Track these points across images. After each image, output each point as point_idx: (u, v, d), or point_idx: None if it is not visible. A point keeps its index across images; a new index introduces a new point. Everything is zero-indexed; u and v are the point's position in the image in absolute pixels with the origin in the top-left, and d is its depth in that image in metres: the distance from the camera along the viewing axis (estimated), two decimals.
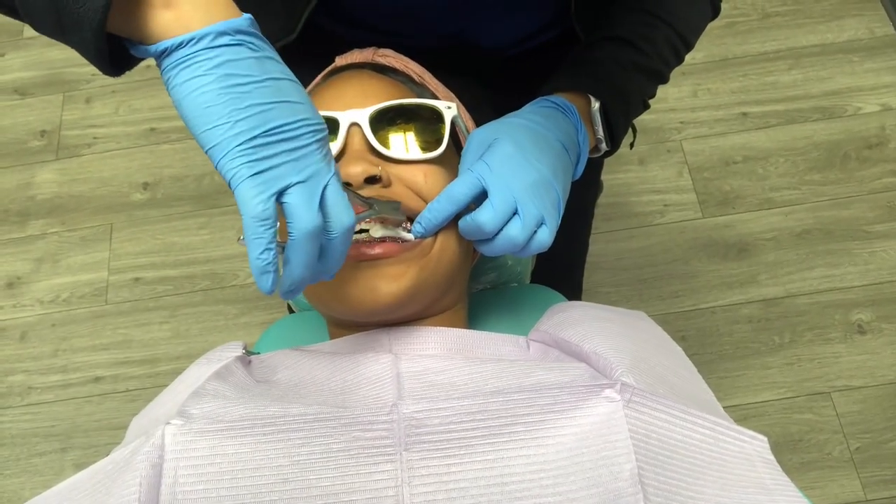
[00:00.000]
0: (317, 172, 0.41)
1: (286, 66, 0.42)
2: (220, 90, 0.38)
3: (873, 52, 1.59)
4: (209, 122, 0.38)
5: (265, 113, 0.39)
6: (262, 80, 0.39)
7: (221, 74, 0.38)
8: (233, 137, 0.38)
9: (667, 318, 1.37)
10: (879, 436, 1.26)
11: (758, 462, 0.45)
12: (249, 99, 0.39)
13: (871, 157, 1.49)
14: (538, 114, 0.58)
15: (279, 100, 0.40)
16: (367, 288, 0.51)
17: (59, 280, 1.50)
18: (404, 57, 0.64)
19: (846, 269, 1.39)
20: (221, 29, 0.39)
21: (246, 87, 0.39)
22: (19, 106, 1.69)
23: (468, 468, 0.42)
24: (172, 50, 0.39)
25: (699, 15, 0.67)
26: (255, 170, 0.39)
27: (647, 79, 0.65)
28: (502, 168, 0.52)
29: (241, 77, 0.39)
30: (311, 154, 0.41)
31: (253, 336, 1.42)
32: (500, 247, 0.53)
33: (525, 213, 0.51)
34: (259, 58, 0.40)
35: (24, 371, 1.42)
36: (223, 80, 0.38)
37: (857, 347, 1.33)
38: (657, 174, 1.51)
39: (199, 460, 0.41)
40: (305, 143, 0.41)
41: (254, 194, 0.39)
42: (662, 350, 0.54)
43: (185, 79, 0.39)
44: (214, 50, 0.39)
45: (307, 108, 0.41)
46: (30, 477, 1.34)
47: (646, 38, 0.63)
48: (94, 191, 1.59)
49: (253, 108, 0.39)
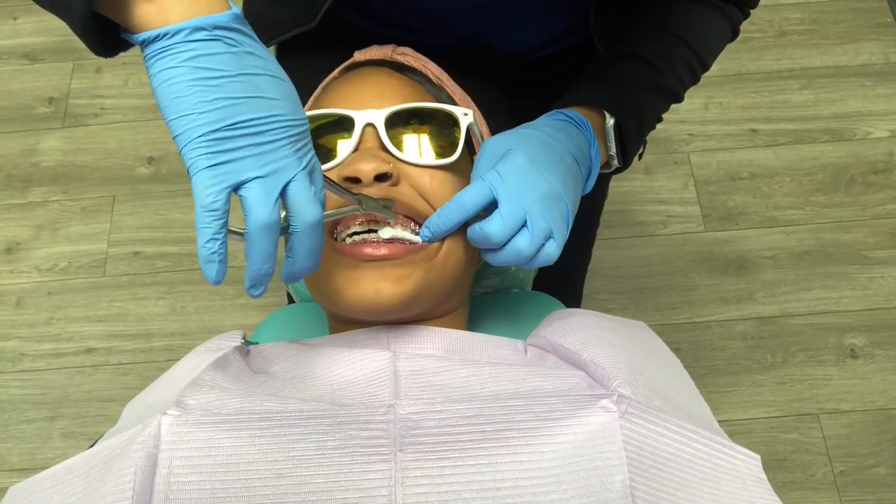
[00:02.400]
0: (281, 168, 0.42)
1: (272, 62, 0.43)
2: (190, 82, 0.40)
3: (887, 78, 1.59)
4: (176, 111, 0.40)
5: (232, 107, 0.40)
6: (235, 75, 0.40)
7: (192, 67, 0.40)
8: (196, 128, 0.40)
9: (662, 330, 1.37)
10: (864, 461, 1.26)
11: (750, 481, 0.45)
12: (217, 93, 0.40)
13: (877, 182, 1.49)
14: (552, 126, 0.57)
15: (251, 95, 0.41)
16: (372, 289, 0.51)
17: (59, 249, 1.50)
18: (423, 57, 0.64)
19: (843, 292, 1.40)
20: (197, 24, 0.40)
21: (215, 81, 0.40)
22: (28, 71, 1.68)
23: (461, 472, 0.42)
24: (150, 41, 0.40)
25: (719, 37, 0.67)
26: (212, 161, 0.40)
27: (662, 98, 0.65)
28: (513, 179, 0.52)
29: (211, 71, 0.40)
30: (277, 149, 0.41)
31: (249, 318, 1.42)
32: (507, 257, 0.52)
33: (534, 226, 0.51)
34: (236, 53, 0.41)
35: (17, 337, 1.42)
36: (193, 73, 0.40)
37: (849, 371, 1.33)
38: (663, 185, 1.51)
39: (194, 452, 0.41)
40: (273, 138, 0.41)
41: (207, 185, 0.40)
42: (661, 362, 0.54)
43: (159, 69, 0.40)
44: (189, 44, 0.40)
45: (282, 104, 0.42)
46: (17, 443, 1.34)
47: (664, 57, 0.63)
48: (99, 162, 1.58)
49: (219, 102, 0.40)
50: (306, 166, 0.43)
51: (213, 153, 0.40)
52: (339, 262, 0.53)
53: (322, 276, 0.54)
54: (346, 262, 0.53)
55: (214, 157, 0.40)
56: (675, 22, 0.64)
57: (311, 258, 0.45)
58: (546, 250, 0.53)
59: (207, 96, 0.40)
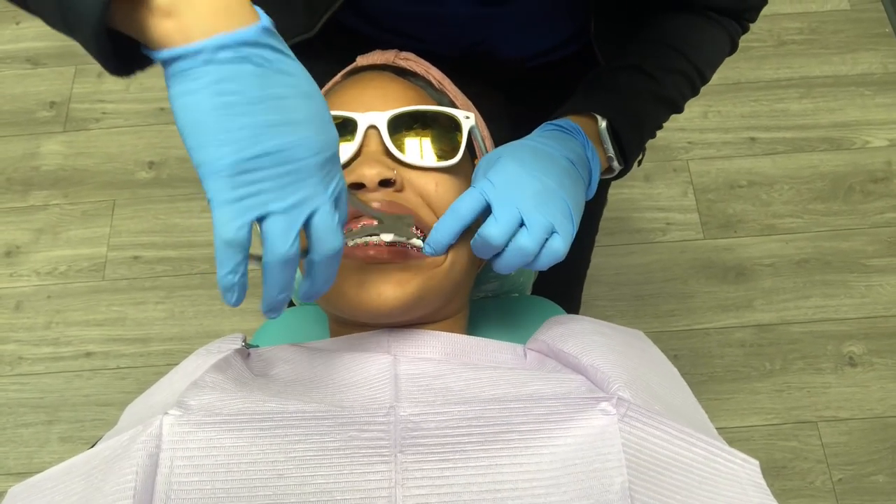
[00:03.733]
0: (306, 199, 0.39)
1: (303, 77, 0.40)
2: (212, 109, 0.37)
3: (885, 87, 1.60)
4: (196, 140, 0.37)
5: (256, 136, 0.37)
6: (260, 99, 0.38)
7: (215, 92, 0.37)
8: (217, 160, 0.37)
9: (660, 337, 1.38)
10: (862, 468, 1.26)
11: (748, 486, 0.46)
12: (241, 120, 0.37)
13: (876, 191, 1.50)
14: (543, 136, 0.58)
15: (277, 120, 0.38)
16: (374, 292, 0.51)
17: (58, 252, 1.50)
18: (425, 62, 0.64)
19: (842, 300, 1.40)
20: (222, 42, 0.37)
21: (240, 108, 0.37)
22: (31, 75, 1.69)
23: (461, 473, 0.42)
24: (171, 61, 0.37)
25: (718, 51, 0.68)
26: (234, 195, 0.37)
27: (661, 106, 0.65)
28: (504, 182, 0.52)
29: (236, 95, 0.37)
30: (302, 179, 0.39)
31: (248, 323, 1.42)
32: (512, 259, 0.52)
33: (531, 223, 0.51)
34: (263, 73, 0.38)
35: (16, 341, 1.42)
36: (216, 98, 0.37)
37: (847, 379, 1.33)
38: (662, 192, 1.52)
39: (195, 452, 0.41)
40: (299, 166, 0.39)
41: (227, 219, 0.38)
42: (658, 369, 0.54)
43: (180, 92, 0.37)
44: (212, 65, 0.37)
45: (310, 127, 0.40)
46: (14, 447, 1.34)
47: (664, 69, 0.64)
48: (99, 166, 1.59)
49: (244, 131, 0.37)
50: (331, 193, 0.41)
51: (236, 186, 0.37)
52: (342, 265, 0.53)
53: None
54: (349, 265, 0.53)
55: (236, 190, 0.37)
56: (674, 35, 0.65)
57: (329, 282, 0.44)
58: (551, 246, 0.52)
59: (230, 124, 0.37)
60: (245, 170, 0.37)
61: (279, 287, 0.41)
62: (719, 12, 0.66)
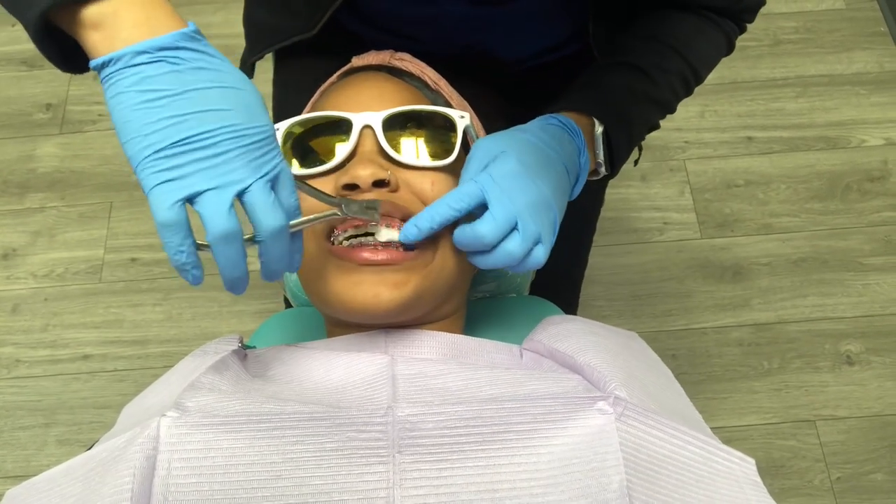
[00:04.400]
0: (235, 179, 0.41)
1: (228, 73, 0.43)
2: (135, 106, 0.40)
3: (881, 86, 1.60)
4: (126, 135, 0.41)
5: (178, 125, 0.40)
6: (181, 93, 0.41)
7: (137, 91, 0.40)
8: (143, 149, 0.40)
9: (658, 336, 1.38)
10: (861, 467, 1.27)
11: (745, 484, 0.46)
12: (162, 112, 0.40)
13: (872, 189, 1.50)
14: (546, 132, 0.57)
15: (198, 109, 0.41)
16: (370, 294, 0.51)
17: (55, 255, 1.49)
18: (421, 62, 0.64)
19: (839, 299, 1.40)
20: (139, 48, 0.40)
21: (160, 102, 0.40)
22: (27, 77, 1.69)
23: (459, 473, 0.42)
24: (100, 68, 0.41)
25: (714, 51, 0.68)
26: (161, 179, 0.40)
27: (655, 109, 0.65)
28: (506, 182, 0.52)
29: (155, 92, 0.40)
30: (229, 160, 0.41)
31: (245, 325, 1.42)
32: (497, 260, 0.52)
33: (525, 230, 0.51)
34: (180, 70, 0.41)
35: (13, 344, 1.42)
36: (138, 97, 0.40)
37: (845, 378, 1.34)
38: (659, 192, 1.52)
39: (193, 453, 0.41)
40: (224, 149, 0.41)
41: (159, 202, 0.40)
42: (653, 370, 0.54)
43: (110, 95, 0.41)
44: (132, 69, 0.40)
45: (235, 115, 0.42)
46: (11, 450, 1.33)
47: (659, 68, 0.64)
48: (96, 168, 1.58)
49: (164, 122, 0.40)
50: (266, 174, 0.43)
51: (162, 171, 0.40)
52: (337, 266, 0.53)
53: (319, 279, 0.54)
54: (344, 266, 0.53)
55: (163, 174, 0.40)
56: (671, 34, 0.65)
57: (282, 262, 0.45)
58: (535, 255, 0.53)
59: (152, 117, 0.40)
60: (169, 155, 0.40)
61: (229, 264, 0.43)
62: (717, 12, 0.66)
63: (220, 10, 1.73)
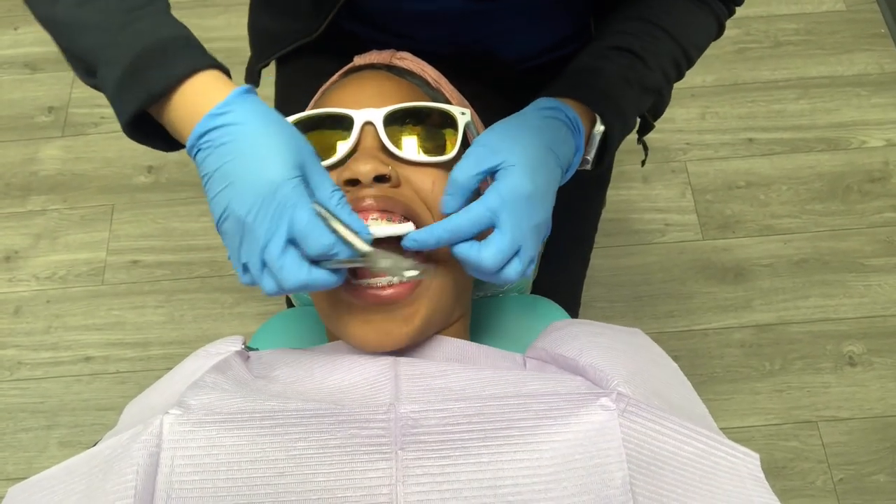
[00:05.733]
0: (255, 247, 0.45)
1: (240, 139, 0.45)
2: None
3: (881, 88, 1.60)
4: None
5: (214, 205, 0.46)
6: (212, 175, 0.46)
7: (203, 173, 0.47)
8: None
9: (660, 338, 1.37)
10: (863, 468, 1.26)
11: (748, 479, 0.46)
12: (208, 195, 0.47)
13: (873, 190, 1.50)
14: (551, 128, 0.56)
15: (222, 187, 0.45)
16: (381, 332, 0.52)
17: (57, 257, 1.50)
18: (421, 61, 0.64)
19: (840, 300, 1.40)
20: (189, 144, 0.47)
21: (206, 186, 0.46)
22: (29, 80, 1.69)
23: (462, 470, 0.42)
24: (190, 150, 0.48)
25: (705, 33, 0.67)
26: (229, 254, 0.47)
27: (647, 96, 0.64)
28: (517, 209, 0.50)
29: (204, 177, 0.46)
30: (248, 231, 0.45)
31: (247, 327, 1.42)
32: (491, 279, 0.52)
33: (524, 255, 0.51)
34: (210, 153, 0.46)
35: (15, 346, 1.42)
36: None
37: (847, 379, 1.33)
38: (660, 193, 1.52)
39: (196, 451, 0.41)
40: (241, 221, 0.45)
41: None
42: (657, 365, 0.54)
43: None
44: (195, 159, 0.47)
45: (241, 184, 0.45)
46: (13, 452, 1.33)
47: (651, 51, 0.63)
48: (98, 170, 1.59)
49: (211, 204, 0.46)
50: (283, 230, 0.45)
51: (226, 245, 0.48)
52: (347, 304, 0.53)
53: (331, 312, 0.54)
54: (354, 305, 0.52)
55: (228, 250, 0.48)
56: (662, 16, 0.64)
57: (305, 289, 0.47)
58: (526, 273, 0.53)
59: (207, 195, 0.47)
60: (222, 233, 0.47)
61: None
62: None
63: (223, 14, 1.73)
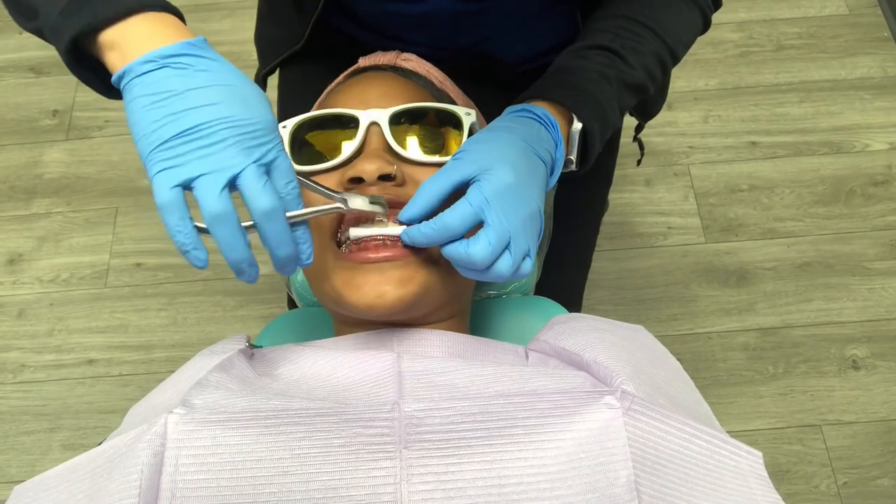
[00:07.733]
0: (228, 165, 0.44)
1: (224, 71, 0.46)
2: (143, 107, 0.44)
3: (885, 91, 1.60)
4: (137, 135, 0.45)
5: (178, 119, 0.44)
6: (182, 92, 0.44)
7: (145, 94, 0.45)
8: (149, 144, 0.44)
9: (663, 341, 1.35)
10: (867, 472, 1.26)
11: (751, 478, 0.46)
12: (165, 110, 0.44)
13: (876, 194, 1.50)
14: (525, 126, 0.55)
15: (197, 105, 0.44)
16: (375, 292, 0.52)
17: (61, 260, 1.50)
18: (426, 62, 0.64)
19: (844, 303, 1.40)
20: (146, 58, 0.45)
21: (164, 101, 0.44)
22: (34, 84, 1.70)
23: (467, 468, 0.42)
24: (118, 83, 0.46)
25: (691, 29, 0.66)
26: (162, 167, 0.44)
27: (629, 93, 0.63)
28: (502, 201, 0.50)
29: (161, 94, 0.44)
30: (224, 149, 0.44)
31: (250, 329, 1.42)
32: (486, 277, 0.52)
33: (515, 249, 0.51)
34: (183, 74, 0.45)
35: (18, 348, 1.42)
36: (146, 100, 0.45)
37: (851, 382, 1.33)
38: (663, 196, 1.52)
39: (200, 450, 0.41)
40: (220, 138, 0.44)
41: (159, 187, 0.44)
42: (661, 363, 0.54)
43: (126, 103, 0.46)
44: (141, 76, 0.45)
45: (230, 108, 0.45)
46: (16, 454, 1.33)
47: (635, 50, 0.62)
48: (102, 174, 1.59)
49: (167, 118, 0.44)
50: (258, 159, 0.45)
51: (164, 160, 0.44)
52: (342, 266, 0.53)
53: (325, 278, 0.55)
54: (348, 265, 0.53)
55: (164, 163, 0.44)
56: (646, 13, 0.63)
57: (284, 247, 0.46)
58: (522, 268, 0.52)
59: (157, 115, 0.44)
60: (170, 147, 0.44)
61: (227, 245, 0.45)
62: None
63: (227, 18, 1.74)
